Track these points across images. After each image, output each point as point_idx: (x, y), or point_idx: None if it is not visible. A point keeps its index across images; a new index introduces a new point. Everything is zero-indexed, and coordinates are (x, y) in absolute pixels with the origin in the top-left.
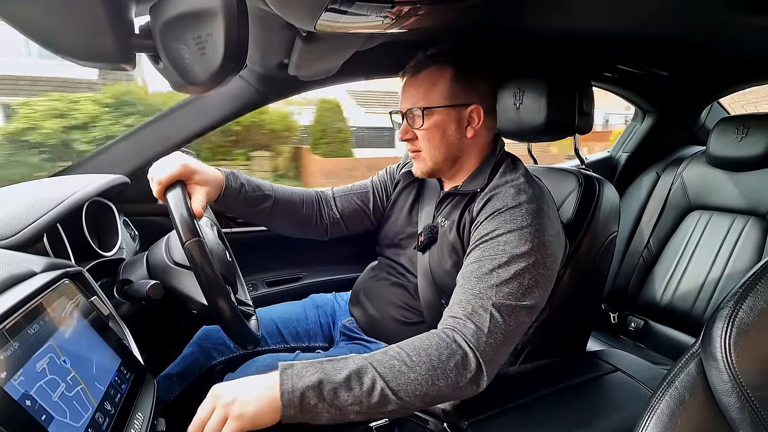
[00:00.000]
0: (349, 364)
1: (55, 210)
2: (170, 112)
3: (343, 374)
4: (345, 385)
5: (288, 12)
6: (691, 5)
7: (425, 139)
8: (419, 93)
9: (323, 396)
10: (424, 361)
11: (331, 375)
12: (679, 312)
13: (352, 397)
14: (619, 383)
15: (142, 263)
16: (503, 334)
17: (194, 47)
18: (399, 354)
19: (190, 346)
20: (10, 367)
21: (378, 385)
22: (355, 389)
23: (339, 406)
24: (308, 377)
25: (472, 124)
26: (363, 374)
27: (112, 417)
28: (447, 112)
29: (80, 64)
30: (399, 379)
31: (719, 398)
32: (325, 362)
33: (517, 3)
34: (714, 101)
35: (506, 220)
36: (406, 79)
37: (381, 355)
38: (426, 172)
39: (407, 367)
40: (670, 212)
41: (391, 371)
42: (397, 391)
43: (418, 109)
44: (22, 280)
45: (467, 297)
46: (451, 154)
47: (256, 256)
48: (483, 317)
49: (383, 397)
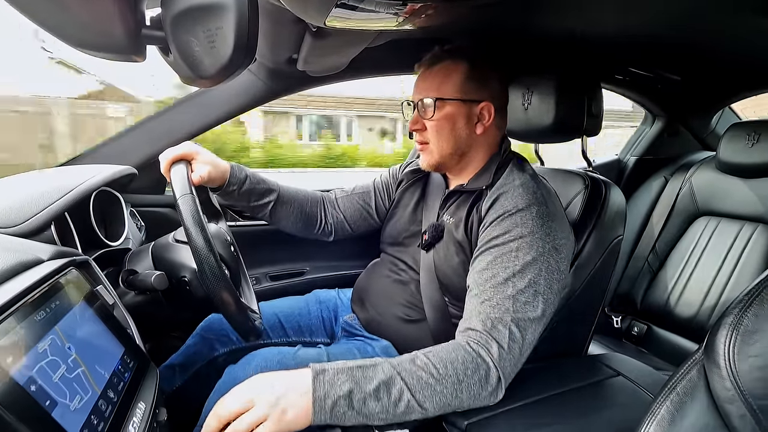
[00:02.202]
0: (378, 373)
1: (63, 199)
2: (178, 105)
3: (373, 384)
4: (374, 396)
5: (299, 7)
6: (705, 9)
7: (434, 130)
8: (433, 84)
9: (353, 405)
10: (451, 374)
11: (361, 384)
12: (683, 318)
13: (380, 406)
14: (621, 387)
15: (148, 254)
16: (520, 348)
17: (204, 40)
18: (426, 365)
19: (193, 337)
20: (16, 352)
21: (405, 397)
22: (383, 399)
23: (366, 414)
24: (340, 386)
25: (482, 121)
26: (392, 385)
27: (115, 405)
28: (458, 105)
29: (91, 55)
30: (426, 390)
31: (721, 405)
32: (355, 369)
33: (528, 3)
34: (725, 106)
35: (517, 224)
36: (421, 71)
37: (409, 364)
38: (432, 164)
39: (434, 379)
40: (678, 217)
41: (419, 383)
42: (422, 402)
43: (430, 100)
44: (30, 267)
45: (485, 309)
46: (458, 149)
47: (261, 250)
48: (503, 333)
49: (409, 407)
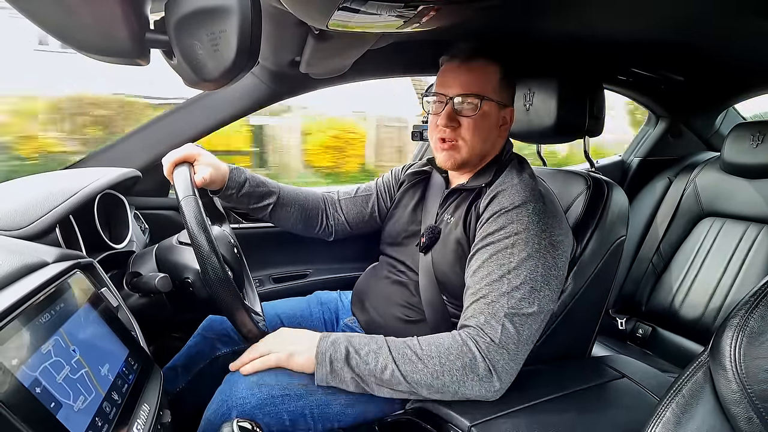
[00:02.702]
0: (371, 342)
1: (68, 202)
2: (182, 108)
3: (365, 349)
4: (364, 359)
5: (301, 10)
6: (711, 12)
7: (472, 127)
8: (475, 81)
9: (350, 364)
10: (433, 355)
11: (356, 347)
12: (688, 320)
13: (368, 370)
14: (625, 389)
15: (152, 256)
16: (516, 344)
17: (208, 43)
18: (413, 344)
19: (194, 337)
20: (21, 354)
21: (390, 366)
22: (371, 364)
23: (360, 374)
24: (338, 346)
25: (505, 125)
26: (379, 354)
27: (119, 407)
28: (495, 107)
29: (96, 59)
30: (407, 365)
31: (727, 408)
32: (354, 336)
33: (532, 5)
34: (729, 107)
35: (513, 220)
36: (456, 64)
37: (399, 341)
38: (459, 162)
39: (416, 356)
40: (682, 218)
41: (403, 357)
42: (405, 375)
43: (475, 96)
44: (35, 269)
45: (480, 306)
46: (485, 149)
47: (264, 252)
48: (495, 327)
49: (394, 377)
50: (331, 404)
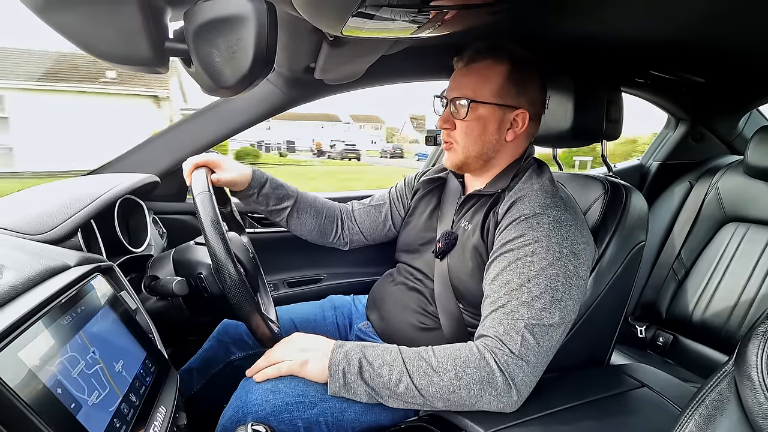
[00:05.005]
0: (385, 355)
1: (89, 207)
2: (199, 115)
3: (379, 362)
4: (378, 372)
5: (316, 17)
6: (732, 9)
7: (464, 131)
8: (469, 84)
9: (363, 377)
10: (450, 369)
11: (370, 359)
12: (712, 328)
13: (382, 383)
14: (646, 399)
15: (169, 260)
16: (536, 356)
17: (225, 51)
18: (429, 356)
19: (210, 341)
20: (43, 355)
21: (405, 379)
22: (385, 377)
23: (373, 388)
24: (351, 358)
25: (515, 128)
26: (394, 367)
27: (137, 408)
28: (493, 110)
29: (117, 67)
30: (422, 379)
31: (753, 420)
32: (368, 347)
33: (547, 7)
34: (753, 108)
35: (532, 227)
36: (459, 67)
37: (414, 352)
38: (456, 164)
39: (432, 369)
40: (704, 224)
41: (418, 370)
42: (420, 389)
43: (465, 100)
44: (58, 272)
45: (499, 316)
46: (484, 153)
47: (279, 256)
48: (514, 339)
49: (408, 390)
50: (345, 412)
